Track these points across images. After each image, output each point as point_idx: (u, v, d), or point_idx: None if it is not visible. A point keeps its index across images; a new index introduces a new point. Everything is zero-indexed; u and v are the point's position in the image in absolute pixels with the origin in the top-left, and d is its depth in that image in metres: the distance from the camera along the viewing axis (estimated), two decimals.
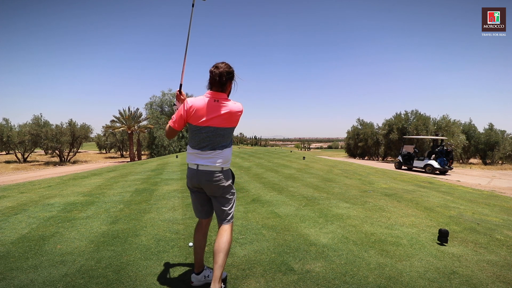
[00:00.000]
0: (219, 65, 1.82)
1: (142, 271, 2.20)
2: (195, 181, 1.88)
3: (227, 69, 1.83)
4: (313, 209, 4.12)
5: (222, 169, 1.88)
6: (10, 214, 3.78)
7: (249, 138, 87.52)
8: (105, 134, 41.08)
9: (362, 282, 2.10)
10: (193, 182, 1.90)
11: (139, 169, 9.43)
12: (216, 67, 1.82)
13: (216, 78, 1.80)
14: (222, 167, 1.87)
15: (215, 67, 1.82)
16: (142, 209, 4.07)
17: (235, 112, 1.85)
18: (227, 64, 1.86)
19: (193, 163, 1.88)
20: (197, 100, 1.83)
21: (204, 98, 1.83)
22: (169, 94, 35.67)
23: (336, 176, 8.02)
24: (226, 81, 1.84)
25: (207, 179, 1.84)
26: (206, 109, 1.80)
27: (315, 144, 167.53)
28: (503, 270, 2.34)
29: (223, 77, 1.81)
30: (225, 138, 1.87)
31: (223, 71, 1.81)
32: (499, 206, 4.91)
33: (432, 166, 13.85)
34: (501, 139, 25.69)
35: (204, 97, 1.84)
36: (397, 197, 5.17)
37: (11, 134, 26.17)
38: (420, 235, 3.14)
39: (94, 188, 5.79)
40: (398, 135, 26.23)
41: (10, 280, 2.05)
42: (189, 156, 1.92)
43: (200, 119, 1.80)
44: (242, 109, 1.89)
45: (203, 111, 1.80)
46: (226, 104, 1.82)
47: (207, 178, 1.84)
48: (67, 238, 2.89)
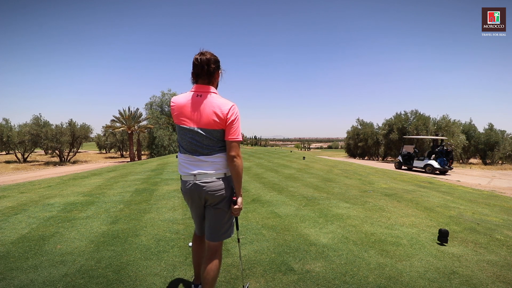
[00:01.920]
0: (205, 52, 1.57)
1: (142, 271, 2.20)
2: (195, 195, 1.60)
3: (214, 57, 1.58)
4: (313, 209, 4.12)
5: (225, 175, 1.62)
6: (10, 214, 3.78)
7: (249, 138, 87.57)
8: (105, 134, 41.08)
9: (362, 282, 2.10)
10: (193, 197, 1.62)
11: (139, 169, 9.43)
12: (201, 53, 1.56)
13: (204, 66, 1.54)
14: (225, 173, 1.61)
15: (201, 54, 1.56)
16: (142, 209, 4.07)
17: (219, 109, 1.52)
18: (211, 52, 1.60)
19: (186, 173, 1.60)
20: (180, 97, 1.60)
21: (187, 94, 1.59)
22: (168, 94, 35.68)
23: (336, 176, 8.02)
24: (214, 70, 1.58)
25: (211, 189, 1.57)
26: (189, 106, 1.55)
27: (315, 144, 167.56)
28: (503, 270, 2.34)
29: (211, 64, 1.55)
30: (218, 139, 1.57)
31: (211, 58, 1.55)
32: (499, 206, 4.91)
33: (432, 166, 13.84)
34: (501, 139, 25.69)
35: (188, 92, 1.60)
36: (397, 197, 5.17)
37: (11, 134, 26.16)
38: (420, 235, 3.14)
39: (94, 188, 5.79)
40: (398, 135, 26.23)
41: (10, 280, 2.05)
42: (182, 164, 1.63)
43: (183, 117, 1.56)
44: (231, 105, 1.55)
45: (186, 108, 1.55)
46: (211, 100, 1.54)
47: (210, 188, 1.57)
48: (67, 238, 2.89)
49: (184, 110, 1.56)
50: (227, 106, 1.54)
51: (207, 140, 1.55)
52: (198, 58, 1.54)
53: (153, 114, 32.81)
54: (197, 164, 1.58)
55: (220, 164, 1.59)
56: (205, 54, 1.56)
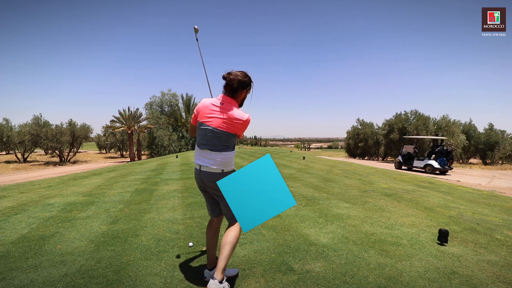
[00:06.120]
0: (233, 72, 1.86)
1: (142, 271, 2.20)
2: (199, 180, 1.97)
3: (240, 78, 1.85)
4: (313, 209, 4.12)
5: (223, 171, 1.88)
6: (10, 214, 3.78)
7: (249, 138, 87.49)
8: (105, 134, 41.07)
9: (362, 282, 2.10)
10: (198, 182, 1.99)
11: (139, 169, 9.43)
12: (228, 73, 1.86)
13: (228, 83, 1.85)
14: (223, 169, 1.88)
15: (228, 73, 1.86)
16: (142, 209, 4.07)
17: (235, 118, 1.83)
18: (244, 72, 1.88)
19: (196, 163, 1.95)
20: (208, 99, 1.93)
21: (214, 99, 1.91)
22: (168, 94, 35.67)
23: (336, 176, 8.02)
24: (237, 89, 1.86)
25: (208, 180, 1.89)
26: (210, 108, 1.87)
27: (315, 144, 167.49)
28: (503, 270, 2.34)
29: (233, 84, 1.84)
30: (224, 140, 1.86)
31: (234, 78, 1.83)
32: (499, 206, 4.91)
33: (432, 166, 13.85)
34: (501, 139, 25.70)
35: (215, 98, 1.92)
36: (397, 197, 5.17)
37: (11, 134, 26.16)
38: (420, 235, 3.14)
39: (94, 188, 5.79)
40: (398, 135, 26.24)
41: (10, 280, 2.05)
42: (195, 154, 2.00)
43: (203, 115, 1.89)
44: (244, 118, 1.86)
45: (208, 108, 1.87)
46: (230, 109, 1.84)
47: (207, 179, 1.89)
48: (67, 238, 2.89)
49: (206, 109, 1.88)
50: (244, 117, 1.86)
51: (216, 138, 1.84)
52: (224, 77, 1.87)
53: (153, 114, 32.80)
54: (202, 157, 1.90)
55: (221, 160, 1.87)
56: (231, 73, 1.85)
